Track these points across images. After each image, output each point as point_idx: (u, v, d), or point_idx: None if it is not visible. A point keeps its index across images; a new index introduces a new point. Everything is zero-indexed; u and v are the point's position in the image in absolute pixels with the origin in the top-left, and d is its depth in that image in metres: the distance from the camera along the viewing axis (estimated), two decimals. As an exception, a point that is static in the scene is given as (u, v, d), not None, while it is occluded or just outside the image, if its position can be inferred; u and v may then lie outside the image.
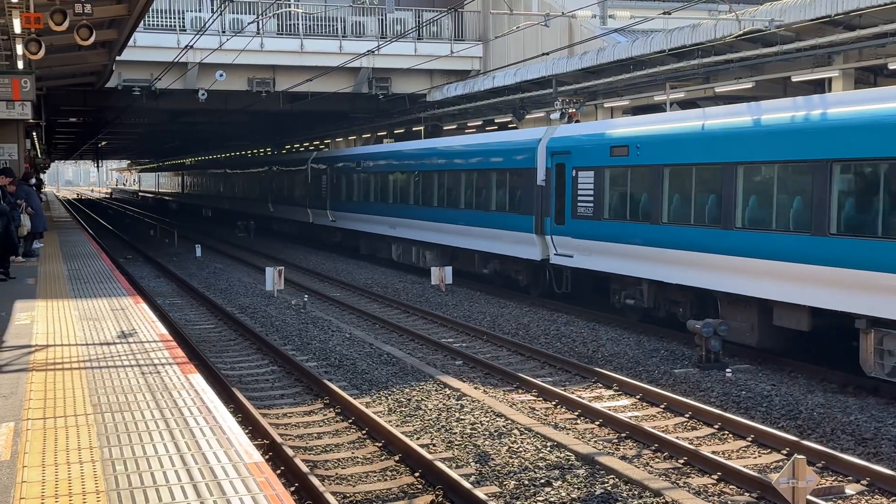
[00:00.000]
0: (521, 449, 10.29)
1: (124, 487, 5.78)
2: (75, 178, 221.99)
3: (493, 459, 9.97)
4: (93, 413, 7.54)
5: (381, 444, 10.59)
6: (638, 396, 12.97)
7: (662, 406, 12.44)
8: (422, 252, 27.50)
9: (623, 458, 10.16)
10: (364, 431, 11.14)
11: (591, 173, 18.63)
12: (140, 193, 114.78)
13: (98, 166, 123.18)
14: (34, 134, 36.39)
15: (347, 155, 34.41)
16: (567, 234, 19.53)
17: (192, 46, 26.32)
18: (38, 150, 48.56)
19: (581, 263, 19.23)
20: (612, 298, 18.73)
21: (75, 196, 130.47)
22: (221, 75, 30.82)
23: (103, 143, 71.52)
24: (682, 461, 10.06)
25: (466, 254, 25.07)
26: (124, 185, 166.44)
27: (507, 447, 10.37)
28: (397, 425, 11.36)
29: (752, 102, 16.06)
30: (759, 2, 23.36)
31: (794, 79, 19.91)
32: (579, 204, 19.03)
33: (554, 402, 12.68)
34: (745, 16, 19.54)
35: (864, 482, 9.29)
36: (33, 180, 22.20)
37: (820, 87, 20.35)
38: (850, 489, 9.18)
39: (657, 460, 10.18)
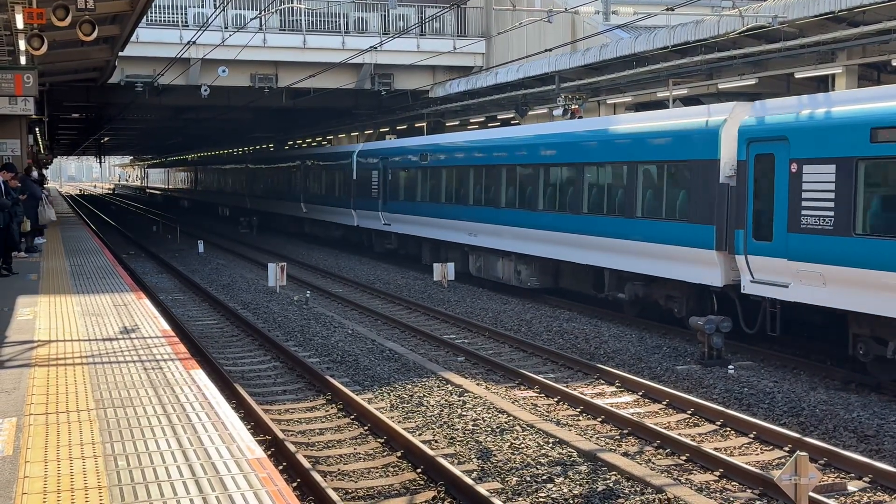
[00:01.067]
0: (523, 445, 10.28)
1: (126, 482, 5.79)
2: (78, 174, 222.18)
3: (494, 456, 9.97)
4: (95, 408, 7.55)
5: (383, 441, 10.59)
6: (640, 393, 12.97)
7: (664, 403, 12.43)
8: (514, 266, 22.27)
9: (625, 454, 10.16)
10: (366, 427, 11.15)
11: (832, 168, 13.11)
12: (148, 190, 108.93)
13: (100, 162, 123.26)
14: (37, 129, 36.42)
15: (410, 147, 28.73)
16: (778, 253, 13.99)
17: (194, 42, 26.31)
18: (41, 146, 48.59)
19: (806, 296, 13.64)
20: (855, 350, 13.34)
21: (78, 192, 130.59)
22: (224, 71, 30.81)
23: (106, 138, 71.57)
24: (684, 458, 10.05)
25: (581, 270, 20.14)
26: (127, 180, 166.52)
27: (509, 443, 10.36)
28: (399, 421, 11.37)
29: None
30: (762, -2, 23.32)
31: (798, 75, 19.88)
32: (806, 212, 13.48)
33: (556, 399, 12.68)
34: (748, 12, 19.51)
35: (867, 479, 9.28)
36: (35, 174, 22.15)
37: (823, 83, 20.32)
38: (853, 486, 9.18)
39: (659, 457, 10.17)
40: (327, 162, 36.31)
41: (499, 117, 32.48)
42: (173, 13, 31.70)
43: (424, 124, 37.42)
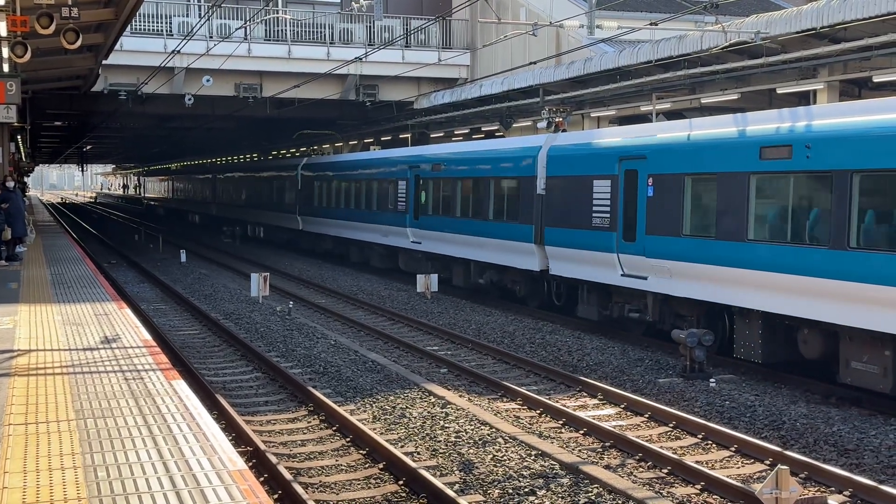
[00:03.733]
0: (505, 457, 10.28)
1: (106, 494, 5.74)
2: (59, 182, 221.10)
3: (477, 468, 9.96)
4: (75, 419, 7.50)
5: (365, 452, 10.56)
6: (622, 406, 12.99)
7: (647, 415, 12.46)
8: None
9: (607, 467, 10.17)
10: (348, 439, 11.11)
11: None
12: (146, 201, 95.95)
13: (83, 170, 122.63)
14: (19, 137, 36.22)
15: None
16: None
17: (179, 51, 26.26)
18: (23, 154, 48.32)
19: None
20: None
21: (59, 200, 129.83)
22: (208, 80, 30.76)
23: (88, 147, 71.26)
24: (665, 471, 10.07)
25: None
26: (109, 189, 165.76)
27: (491, 455, 10.36)
28: (382, 433, 11.34)
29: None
30: (745, 14, 23.52)
31: (780, 90, 20.04)
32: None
33: (539, 411, 12.68)
34: (731, 28, 19.66)
35: (847, 493, 9.32)
36: (10, 183, 21.96)
37: (805, 99, 20.49)
38: (833, 500, 9.22)
39: (641, 470, 10.19)
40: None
41: (483, 129, 32.56)
42: (158, 22, 31.65)
43: (409, 136, 37.46)
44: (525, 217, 20.71)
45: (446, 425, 11.59)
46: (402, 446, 10.76)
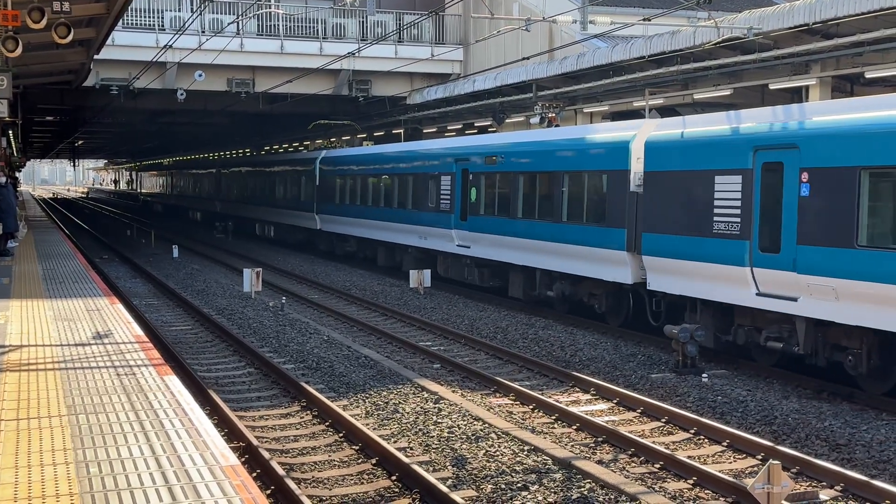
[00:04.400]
0: (498, 453, 10.29)
1: (98, 490, 5.73)
2: (51, 177, 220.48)
3: (470, 463, 9.96)
4: (67, 415, 7.48)
5: (358, 448, 10.56)
6: (615, 401, 13.01)
7: (639, 410, 12.48)
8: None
9: (599, 462, 10.19)
10: (341, 434, 11.11)
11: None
12: (143, 197, 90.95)
13: (74, 165, 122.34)
14: (10, 132, 36.08)
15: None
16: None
17: (171, 46, 26.18)
18: (14, 149, 48.16)
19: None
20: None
21: (51, 195, 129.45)
22: (200, 75, 30.68)
23: (80, 142, 71.05)
24: (658, 466, 10.09)
25: None
26: (101, 184, 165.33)
27: (484, 451, 10.36)
28: (375, 428, 11.34)
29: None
30: (738, 9, 23.54)
31: (772, 86, 20.07)
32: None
33: (531, 406, 12.69)
34: (723, 23, 19.67)
35: (839, 488, 9.35)
36: (1, 178, 21.88)
37: (797, 94, 20.52)
38: (825, 495, 9.25)
39: (633, 465, 10.21)
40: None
41: (476, 125, 32.54)
42: (150, 17, 31.53)
43: (402, 131, 37.43)
44: (614, 219, 17.43)
45: (439, 421, 11.60)
46: (395, 442, 10.77)
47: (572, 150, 19.15)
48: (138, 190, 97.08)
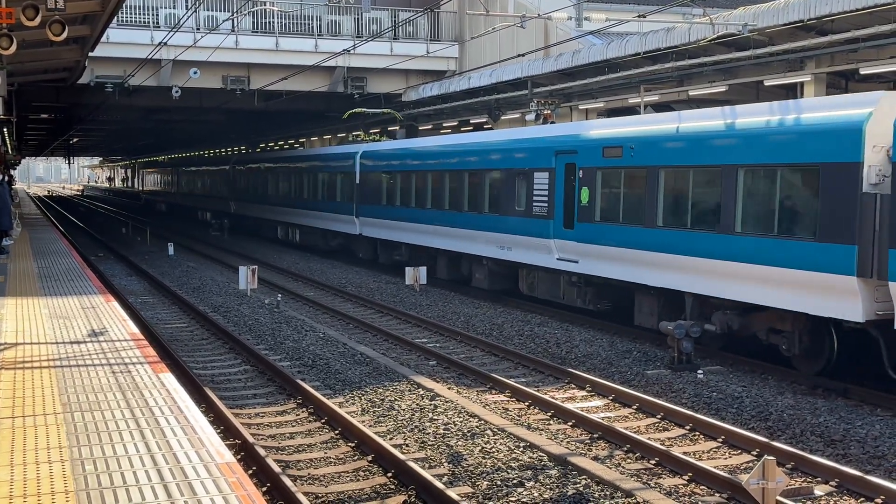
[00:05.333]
0: (493, 449, 10.30)
1: (94, 487, 5.73)
2: (46, 175, 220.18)
3: (465, 460, 9.97)
4: (62, 412, 7.47)
5: (353, 445, 10.56)
6: (610, 397, 13.03)
7: (635, 407, 12.50)
8: None
9: (595, 458, 10.20)
10: (337, 431, 11.12)
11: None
12: (144, 196, 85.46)
13: (69, 163, 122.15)
14: (5, 130, 36.03)
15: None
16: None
17: (166, 43, 26.14)
18: (9, 147, 48.08)
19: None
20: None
21: (46, 193, 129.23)
22: (196, 73, 30.63)
23: (75, 139, 70.96)
24: (653, 462, 10.11)
25: None
26: (96, 181, 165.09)
27: (480, 447, 10.38)
28: (370, 425, 11.35)
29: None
30: (732, 6, 23.56)
31: (767, 83, 20.09)
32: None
33: (527, 403, 12.71)
34: (718, 20, 19.69)
35: (833, 483, 9.38)
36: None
37: (792, 91, 20.54)
38: (820, 490, 9.27)
39: (629, 461, 10.23)
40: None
41: (471, 122, 32.54)
42: (144, 14, 31.47)
43: (398, 128, 37.37)
44: (834, 231, 12.76)
45: (435, 417, 11.61)
46: (390, 438, 10.77)
47: (756, 136, 14.35)
48: (139, 188, 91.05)
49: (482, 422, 11.35)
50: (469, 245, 23.02)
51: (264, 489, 8.95)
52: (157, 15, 31.62)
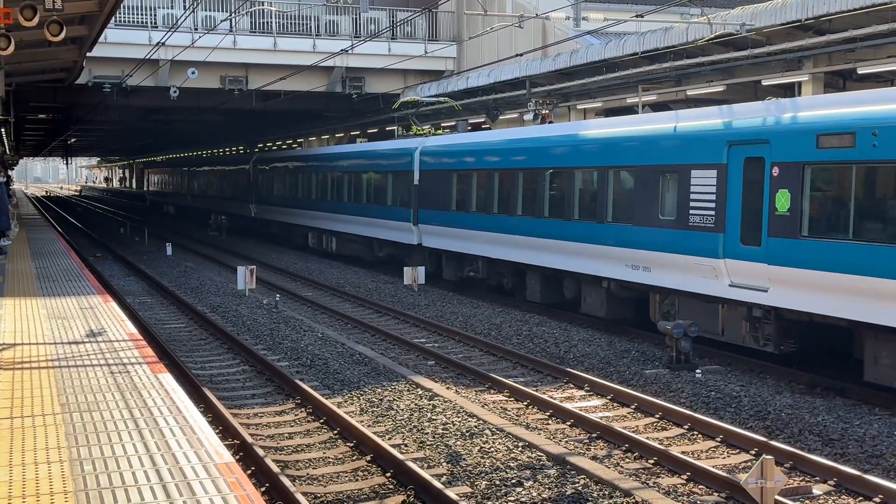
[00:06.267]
0: (492, 449, 10.30)
1: (93, 488, 5.73)
2: (44, 175, 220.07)
3: (464, 459, 9.98)
4: (61, 413, 7.47)
5: (352, 445, 10.57)
6: (609, 397, 13.04)
7: (633, 406, 12.51)
8: None
9: (594, 458, 10.21)
10: (336, 431, 11.12)
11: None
12: (150, 197, 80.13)
13: (67, 163, 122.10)
14: (3, 130, 36.00)
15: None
16: None
17: (163, 43, 26.12)
18: (7, 147, 48.05)
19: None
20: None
21: (44, 194, 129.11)
22: (193, 73, 30.63)
23: (73, 140, 70.89)
24: (652, 461, 10.12)
25: None
26: (94, 182, 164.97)
27: (478, 447, 10.38)
28: (369, 425, 11.35)
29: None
30: (730, 6, 23.58)
31: (765, 82, 20.10)
32: None
33: (526, 403, 12.71)
34: (716, 19, 19.70)
35: (832, 482, 9.39)
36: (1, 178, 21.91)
37: (790, 90, 20.56)
38: (818, 489, 9.28)
39: (627, 460, 10.23)
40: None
41: (470, 121, 32.52)
42: (142, 14, 31.47)
43: (395, 128, 37.39)
44: None
45: (433, 417, 11.61)
46: (389, 438, 10.77)
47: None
48: (145, 189, 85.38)
49: (481, 421, 11.36)
50: (580, 262, 18.32)
51: (263, 489, 8.95)
52: (155, 15, 31.61)
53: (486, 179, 22.00)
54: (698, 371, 14.35)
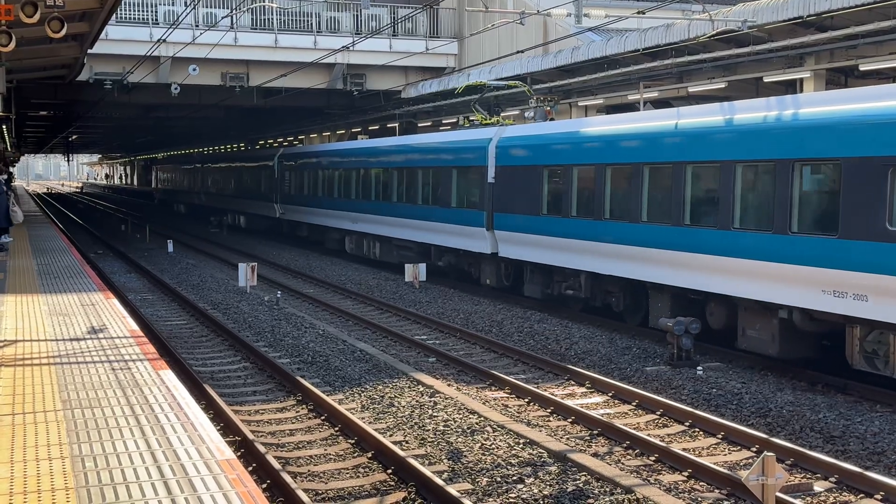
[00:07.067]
0: (493, 446, 10.30)
1: (94, 484, 5.73)
2: (45, 172, 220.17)
3: (465, 456, 9.98)
4: (62, 409, 7.47)
5: (353, 441, 10.57)
6: (610, 394, 13.04)
7: (634, 403, 12.50)
8: None
9: (595, 455, 10.21)
10: (337, 428, 11.12)
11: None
12: (158, 195, 75.71)
13: (68, 160, 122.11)
14: (4, 127, 36.02)
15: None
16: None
17: (164, 40, 26.12)
18: (8, 144, 48.06)
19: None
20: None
21: (46, 190, 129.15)
22: (194, 69, 30.61)
23: (74, 136, 70.89)
24: (653, 458, 10.12)
25: None
26: (95, 179, 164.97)
27: (479, 444, 10.38)
28: (370, 422, 11.35)
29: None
30: (732, 2, 23.54)
31: (766, 79, 20.09)
32: None
33: (527, 400, 12.71)
34: (718, 16, 19.67)
35: (833, 479, 9.39)
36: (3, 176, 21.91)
37: (792, 87, 20.54)
38: (819, 486, 9.28)
39: (628, 457, 10.23)
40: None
41: (471, 119, 32.48)
42: (143, 11, 31.46)
43: (396, 125, 37.39)
44: None
45: (435, 414, 11.61)
46: (390, 435, 10.77)
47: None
48: (154, 186, 79.41)
49: (482, 418, 11.36)
50: (740, 284, 14.22)
51: (264, 486, 8.96)
52: (156, 12, 31.61)
53: (593, 177, 17.85)
54: (699, 368, 14.35)
